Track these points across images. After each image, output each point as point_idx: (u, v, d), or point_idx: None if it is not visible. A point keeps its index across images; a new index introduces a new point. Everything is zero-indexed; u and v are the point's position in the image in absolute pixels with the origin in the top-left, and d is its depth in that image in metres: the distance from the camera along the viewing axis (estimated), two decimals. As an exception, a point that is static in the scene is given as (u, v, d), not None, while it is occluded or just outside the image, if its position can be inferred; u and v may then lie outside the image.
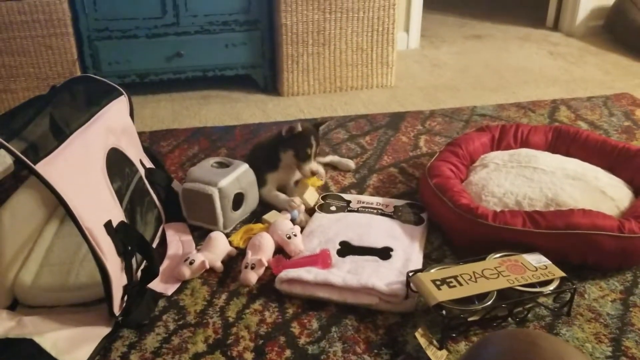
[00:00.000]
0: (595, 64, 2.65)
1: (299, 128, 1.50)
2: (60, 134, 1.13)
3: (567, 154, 1.59)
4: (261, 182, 1.51)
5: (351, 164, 1.75)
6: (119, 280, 1.10)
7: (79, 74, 2.26)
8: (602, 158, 1.55)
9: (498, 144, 1.67)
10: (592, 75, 2.51)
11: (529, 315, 1.14)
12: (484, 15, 3.52)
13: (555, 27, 3.21)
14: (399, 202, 1.51)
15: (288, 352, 1.08)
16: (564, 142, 1.63)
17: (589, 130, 1.94)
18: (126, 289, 1.13)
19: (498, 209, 1.33)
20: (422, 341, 1.06)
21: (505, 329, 0.53)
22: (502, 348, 0.52)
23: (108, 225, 1.10)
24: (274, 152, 1.54)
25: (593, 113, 2.10)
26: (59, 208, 1.45)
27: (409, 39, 2.95)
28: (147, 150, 1.54)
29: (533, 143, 1.65)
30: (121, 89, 1.42)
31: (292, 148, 1.51)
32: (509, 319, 1.13)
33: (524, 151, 1.57)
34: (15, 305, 1.21)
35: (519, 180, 1.43)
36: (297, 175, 1.57)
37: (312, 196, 1.51)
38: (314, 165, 1.52)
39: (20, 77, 2.23)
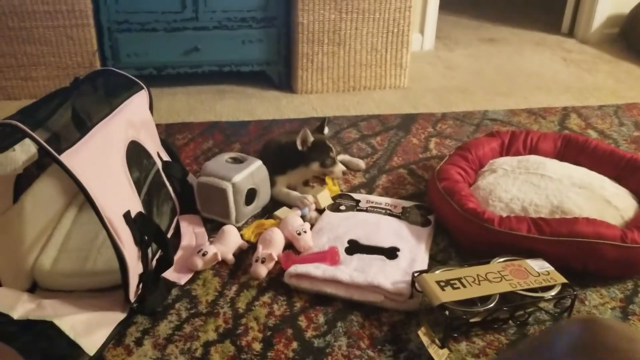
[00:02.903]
0: (608, 72, 2.66)
1: (311, 137, 1.55)
2: (82, 126, 1.17)
3: (576, 162, 1.62)
4: (271, 183, 1.55)
5: (361, 163, 1.78)
6: (135, 268, 1.14)
7: (98, 64, 2.31)
8: (609, 167, 1.57)
9: (507, 150, 1.70)
10: (605, 84, 2.52)
11: (530, 319, 1.17)
12: (499, 18, 3.53)
13: (570, 33, 3.22)
14: (407, 204, 1.54)
15: (295, 344, 1.12)
16: (573, 150, 1.66)
17: (599, 139, 1.97)
18: (142, 277, 1.17)
19: (504, 214, 1.36)
20: (425, 339, 1.10)
21: (573, 318, 0.54)
22: (575, 336, 0.53)
23: (127, 215, 1.14)
24: (285, 159, 1.58)
25: (603, 122, 2.12)
26: (77, 196, 1.50)
27: (423, 41, 2.97)
28: (164, 143, 1.58)
29: (542, 150, 1.68)
30: (142, 83, 1.46)
31: (316, 160, 1.57)
32: (510, 321, 1.16)
33: (533, 158, 1.60)
34: (34, 289, 1.26)
35: (526, 186, 1.46)
36: (306, 176, 1.61)
37: (325, 198, 1.54)
38: (341, 166, 1.61)
39: (41, 65, 2.29)
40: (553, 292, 1.16)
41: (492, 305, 1.12)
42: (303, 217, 1.48)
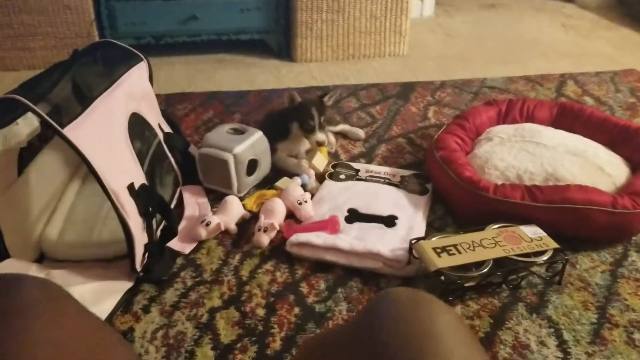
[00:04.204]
0: (606, 38, 2.65)
1: (298, 98, 1.55)
2: (83, 99, 1.19)
3: (571, 129, 1.64)
4: (272, 150, 1.58)
5: (361, 133, 1.80)
6: (140, 238, 1.18)
7: (96, 34, 2.31)
8: (603, 135, 1.59)
9: (504, 118, 1.72)
10: (603, 50, 2.52)
11: (522, 282, 1.21)
12: (500, -17, 3.49)
13: (571, -2, 3.20)
14: (406, 172, 1.57)
15: (297, 310, 1.16)
16: (568, 118, 1.68)
17: (594, 106, 1.98)
18: (147, 247, 1.20)
19: (500, 182, 1.39)
20: (421, 304, 1.14)
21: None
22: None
23: (131, 187, 1.17)
24: (284, 123, 1.60)
25: (600, 89, 2.13)
26: (80, 168, 1.52)
27: (423, 7, 2.96)
28: (164, 114, 1.60)
29: (538, 118, 1.70)
30: (141, 55, 1.47)
31: (297, 120, 1.58)
32: (503, 285, 1.20)
33: (528, 126, 1.62)
34: (41, 259, 1.30)
35: (521, 154, 1.48)
36: (307, 145, 1.63)
37: (320, 162, 1.57)
38: (319, 136, 1.57)
39: (39, 35, 2.28)
40: (545, 257, 1.20)
41: (486, 270, 1.16)
42: (304, 186, 1.51)
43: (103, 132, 1.19)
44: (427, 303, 0.59)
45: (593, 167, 1.42)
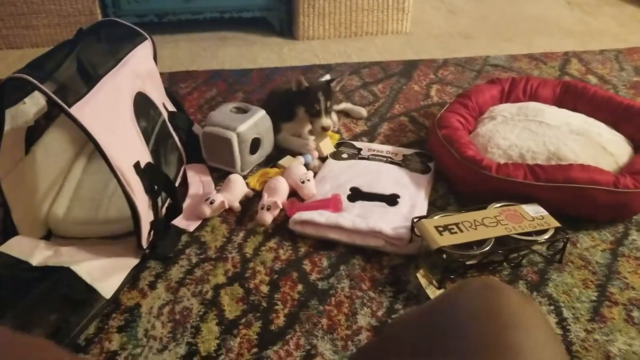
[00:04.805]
0: (611, 15, 2.63)
1: (305, 83, 1.54)
2: (88, 78, 1.19)
3: (574, 108, 1.64)
4: (276, 130, 1.58)
5: (363, 111, 1.80)
6: (146, 216, 1.19)
7: (98, 12, 2.30)
8: (606, 114, 1.59)
9: (507, 97, 1.72)
10: (607, 28, 2.50)
11: (523, 261, 1.23)
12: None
13: (576, -26, 3.16)
14: (408, 151, 1.58)
15: (300, 287, 1.18)
16: (572, 97, 1.68)
17: (598, 85, 1.98)
18: (153, 225, 1.22)
19: (502, 161, 1.40)
20: (423, 281, 1.16)
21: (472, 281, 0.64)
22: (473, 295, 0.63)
23: (137, 165, 1.18)
24: (290, 105, 1.59)
25: (604, 67, 2.12)
26: (86, 146, 1.53)
27: (426, -17, 2.92)
28: (168, 93, 1.60)
29: (541, 97, 1.70)
30: (145, 34, 1.47)
31: (303, 104, 1.57)
32: (505, 263, 1.22)
33: (532, 105, 1.62)
34: (49, 237, 1.32)
35: (524, 133, 1.48)
36: (305, 122, 1.62)
37: (327, 146, 1.57)
38: (324, 121, 1.56)
39: (42, 13, 2.28)
40: (546, 236, 1.21)
41: (487, 248, 1.18)
42: (306, 165, 1.52)
43: (109, 111, 1.20)
44: (499, 283, 0.63)
45: (596, 146, 1.43)
